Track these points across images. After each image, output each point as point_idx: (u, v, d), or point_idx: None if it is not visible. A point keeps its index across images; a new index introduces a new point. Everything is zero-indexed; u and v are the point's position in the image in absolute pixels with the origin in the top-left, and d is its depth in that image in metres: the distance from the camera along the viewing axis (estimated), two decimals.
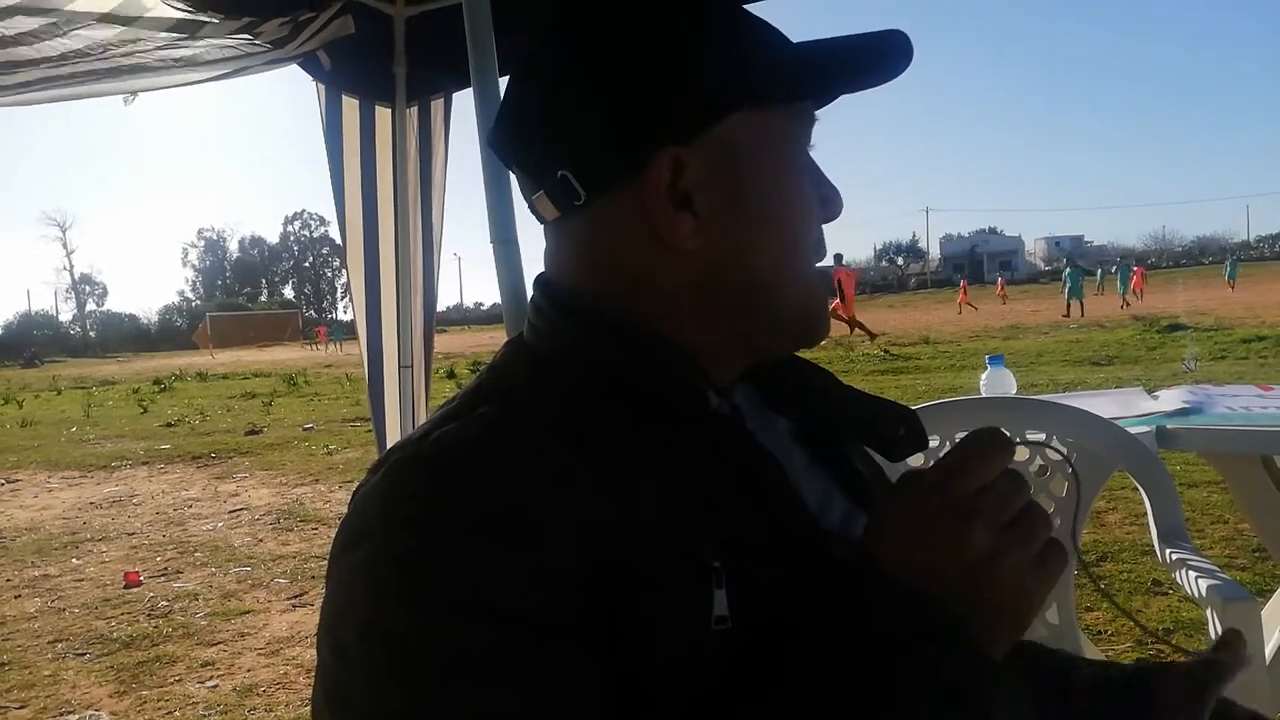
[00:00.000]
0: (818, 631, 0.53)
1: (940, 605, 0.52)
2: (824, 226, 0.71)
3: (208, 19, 1.95)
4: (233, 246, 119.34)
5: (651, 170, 0.62)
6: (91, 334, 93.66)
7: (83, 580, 5.05)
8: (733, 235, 0.64)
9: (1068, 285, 26.49)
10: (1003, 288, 41.16)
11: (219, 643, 3.88)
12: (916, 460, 1.75)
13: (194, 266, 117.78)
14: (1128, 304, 27.15)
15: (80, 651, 3.88)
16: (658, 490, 0.58)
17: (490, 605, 0.52)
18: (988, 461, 0.55)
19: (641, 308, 0.65)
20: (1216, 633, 1.47)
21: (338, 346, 35.79)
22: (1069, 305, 25.71)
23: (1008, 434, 0.56)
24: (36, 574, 5.24)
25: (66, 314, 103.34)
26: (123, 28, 1.96)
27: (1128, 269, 32.48)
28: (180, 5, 1.90)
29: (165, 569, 5.17)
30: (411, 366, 2.87)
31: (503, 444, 0.58)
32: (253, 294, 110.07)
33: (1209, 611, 1.50)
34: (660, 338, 0.65)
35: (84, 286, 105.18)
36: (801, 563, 0.60)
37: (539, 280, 0.72)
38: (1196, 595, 1.53)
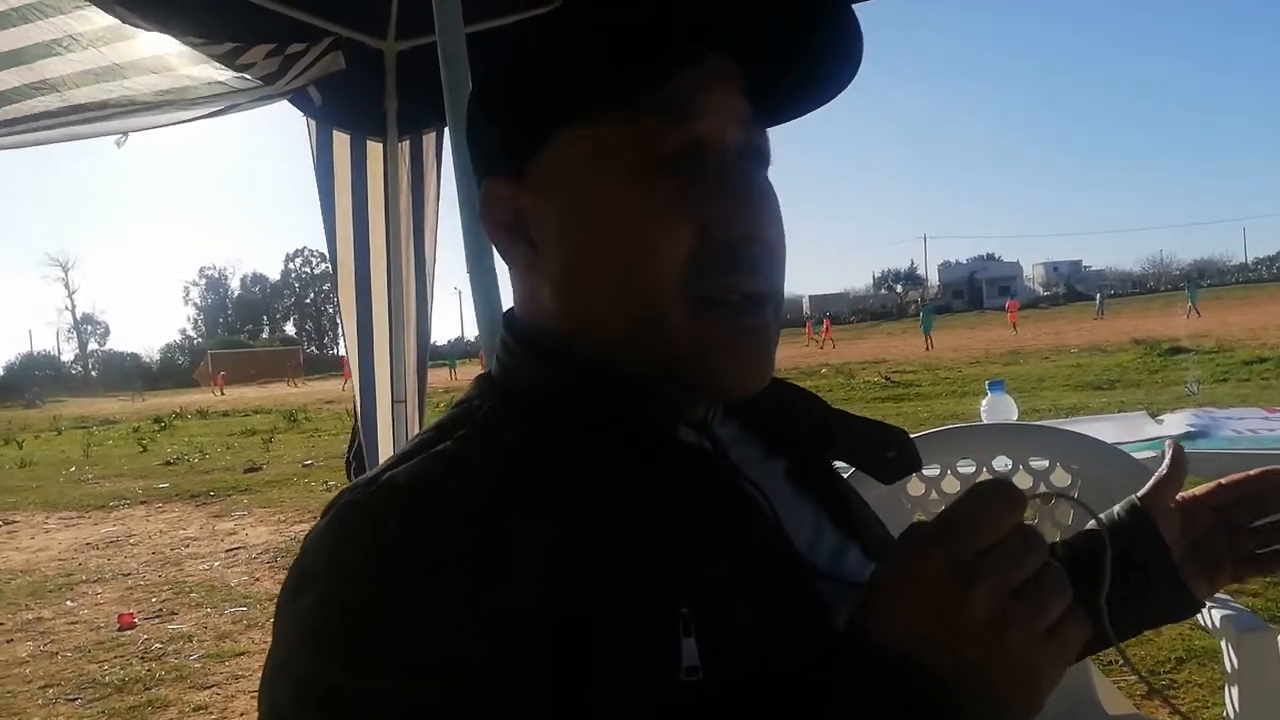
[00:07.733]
0: (803, 697, 0.49)
1: (932, 681, 0.47)
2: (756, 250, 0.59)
3: (194, 43, 1.95)
4: (234, 284, 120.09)
5: (486, 204, 0.65)
6: (93, 373, 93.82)
7: (76, 623, 4.98)
8: (571, 272, 0.61)
9: (923, 321, 29.88)
10: (828, 330, 37.73)
11: (212, 685, 3.81)
12: (916, 490, 1.72)
13: (195, 304, 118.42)
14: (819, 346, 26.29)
15: (71, 696, 3.80)
16: (622, 532, 0.54)
17: (439, 660, 0.48)
18: (994, 517, 0.48)
19: (589, 341, 0.62)
20: (1232, 663, 1.42)
21: (292, 382, 35.67)
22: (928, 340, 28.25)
23: (1019, 487, 0.50)
24: (30, 617, 5.17)
25: (69, 354, 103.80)
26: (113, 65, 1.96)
27: (819, 321, 32.06)
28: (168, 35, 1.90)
29: (160, 610, 5.10)
30: (405, 401, 2.85)
31: (458, 484, 0.54)
32: (254, 331, 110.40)
33: (1223, 642, 1.45)
34: (615, 372, 0.61)
35: (86, 326, 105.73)
36: (782, 605, 0.56)
37: (506, 315, 0.69)
38: (1210, 625, 1.48)
